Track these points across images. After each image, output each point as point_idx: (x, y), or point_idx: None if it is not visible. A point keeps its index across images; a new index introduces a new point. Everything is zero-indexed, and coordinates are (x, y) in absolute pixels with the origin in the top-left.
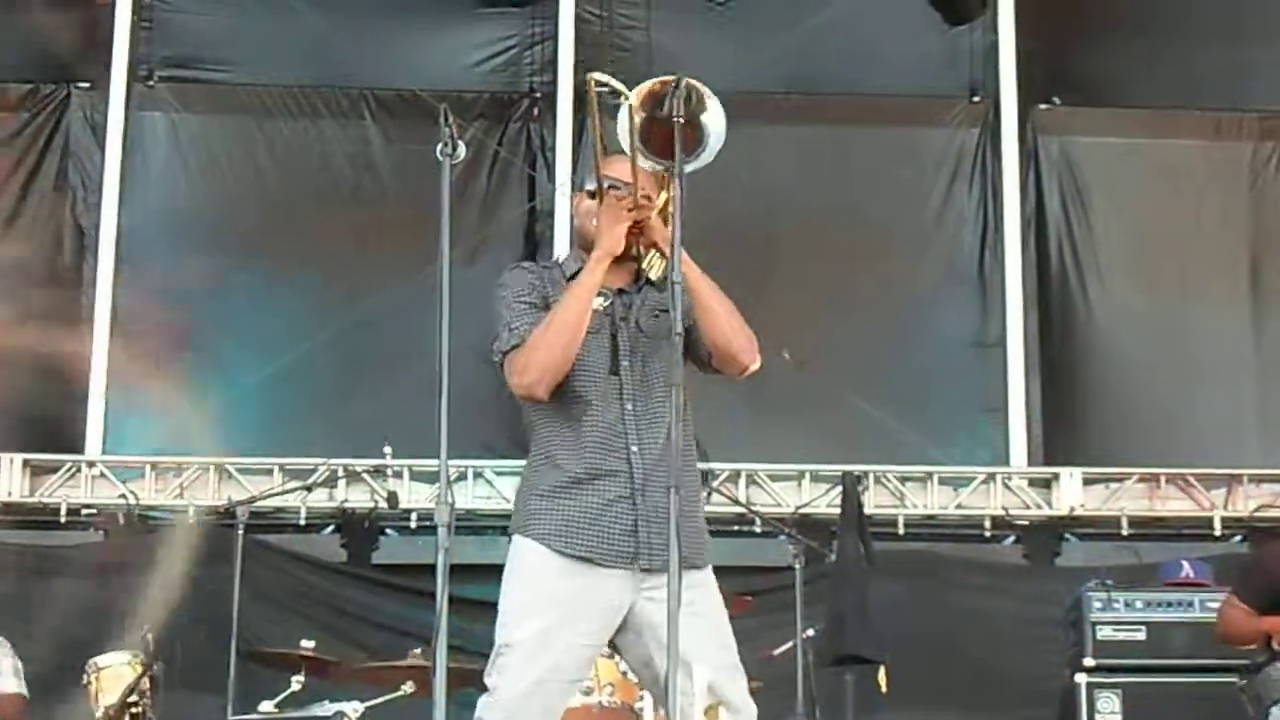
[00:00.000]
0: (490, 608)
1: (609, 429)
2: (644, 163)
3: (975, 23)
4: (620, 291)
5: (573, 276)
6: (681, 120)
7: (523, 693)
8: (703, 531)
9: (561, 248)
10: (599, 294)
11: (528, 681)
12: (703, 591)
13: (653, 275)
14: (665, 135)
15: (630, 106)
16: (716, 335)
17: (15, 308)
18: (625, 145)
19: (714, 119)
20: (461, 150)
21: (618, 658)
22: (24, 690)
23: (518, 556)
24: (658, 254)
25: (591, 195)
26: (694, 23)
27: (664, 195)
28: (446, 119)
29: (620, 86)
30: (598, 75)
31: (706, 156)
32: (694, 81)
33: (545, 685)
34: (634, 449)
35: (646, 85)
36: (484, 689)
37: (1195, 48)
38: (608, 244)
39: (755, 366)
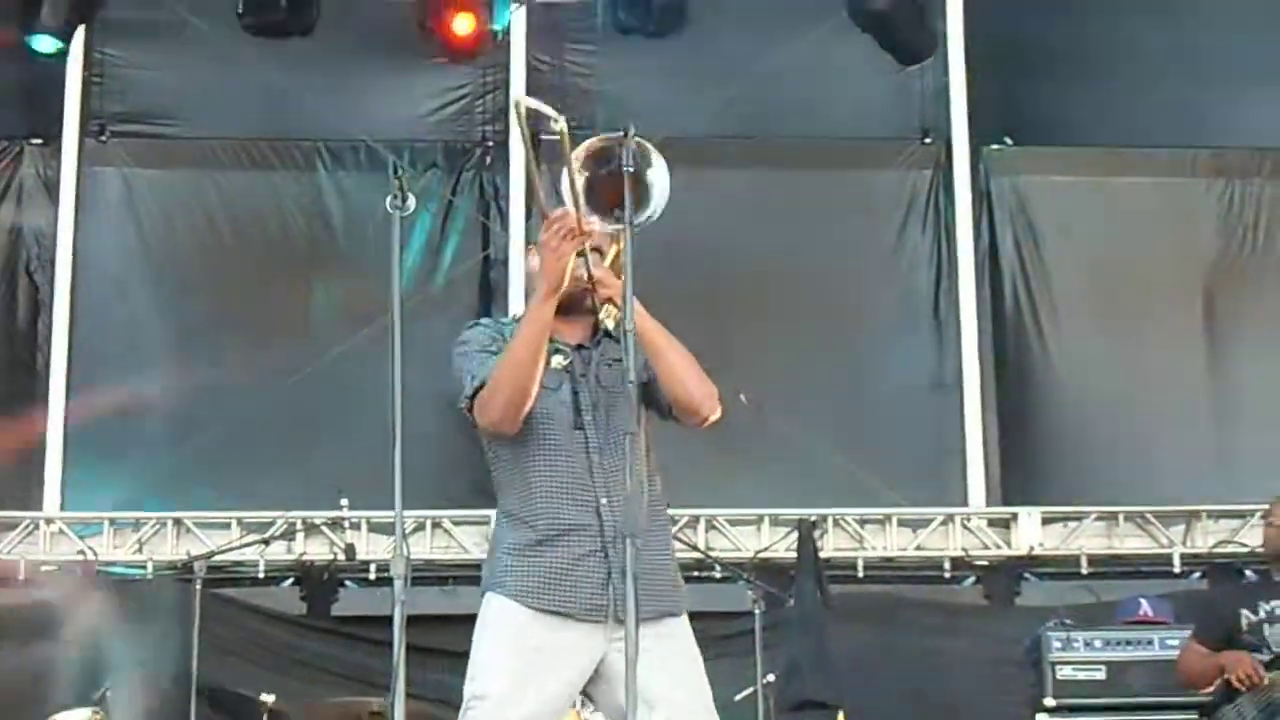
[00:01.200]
0: (449, 656)
1: (577, 483)
2: (592, 222)
3: (926, 64)
4: (579, 347)
5: None
6: (631, 170)
7: None
8: (677, 577)
9: (516, 296)
10: (558, 351)
11: None
12: (678, 638)
13: (609, 325)
14: (610, 191)
15: (572, 162)
16: (674, 386)
17: None
18: (568, 201)
19: (659, 176)
20: (412, 202)
21: (578, 707)
22: None
23: (489, 612)
24: (613, 307)
25: None
26: (645, 69)
27: (615, 248)
28: (397, 172)
29: (549, 111)
30: (526, 100)
31: (651, 213)
32: (640, 139)
33: None
34: (603, 501)
35: (589, 143)
36: None
37: (1146, 87)
38: (552, 278)
39: (715, 417)
